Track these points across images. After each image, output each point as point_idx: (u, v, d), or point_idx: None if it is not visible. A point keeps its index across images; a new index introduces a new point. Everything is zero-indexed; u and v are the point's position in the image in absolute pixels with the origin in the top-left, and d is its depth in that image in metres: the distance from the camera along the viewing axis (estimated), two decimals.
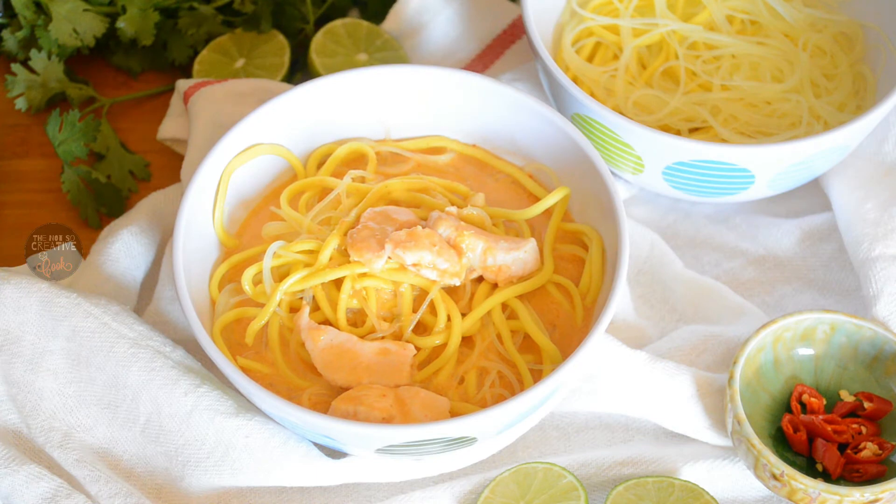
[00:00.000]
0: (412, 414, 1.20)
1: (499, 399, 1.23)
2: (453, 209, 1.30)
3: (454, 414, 1.22)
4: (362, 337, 1.25)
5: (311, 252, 1.28)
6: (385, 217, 1.29)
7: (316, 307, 1.28)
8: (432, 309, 1.26)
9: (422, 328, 1.27)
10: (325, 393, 1.25)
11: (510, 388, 1.25)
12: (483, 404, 1.23)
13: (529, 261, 1.29)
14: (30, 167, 1.56)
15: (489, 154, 1.41)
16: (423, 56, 1.63)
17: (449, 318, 1.26)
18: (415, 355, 1.25)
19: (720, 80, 1.46)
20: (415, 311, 1.26)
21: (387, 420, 1.19)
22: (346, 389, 1.23)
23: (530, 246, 1.29)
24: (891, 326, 1.32)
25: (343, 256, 1.27)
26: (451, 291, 1.29)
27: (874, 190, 1.41)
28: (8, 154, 1.57)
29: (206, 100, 1.50)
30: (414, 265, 1.25)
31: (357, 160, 1.40)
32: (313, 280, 1.26)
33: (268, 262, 1.27)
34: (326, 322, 1.27)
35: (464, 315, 1.27)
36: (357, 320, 1.27)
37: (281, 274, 1.29)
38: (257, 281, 1.29)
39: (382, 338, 1.25)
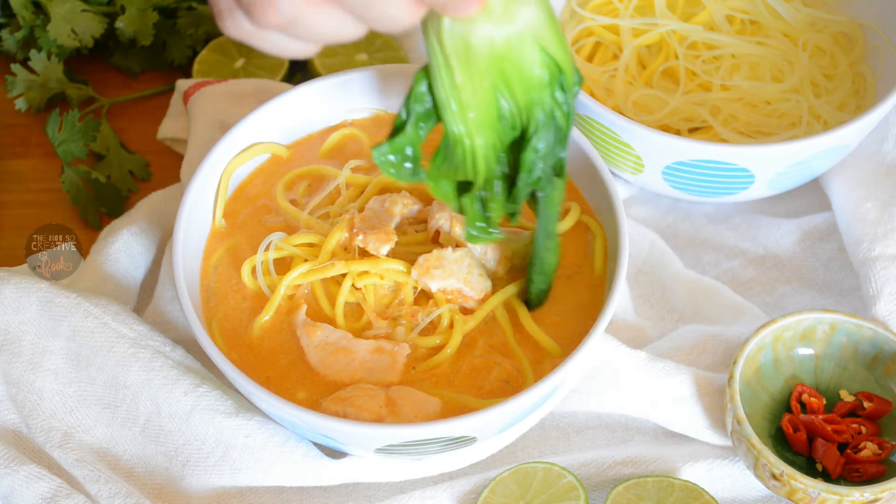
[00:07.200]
0: (402, 415, 1.19)
1: (499, 397, 1.23)
2: None
3: (453, 411, 1.22)
4: (358, 334, 1.25)
5: (310, 245, 1.28)
6: (388, 204, 1.28)
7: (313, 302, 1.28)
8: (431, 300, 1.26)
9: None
10: (322, 391, 1.25)
11: (510, 386, 1.24)
12: (483, 403, 1.23)
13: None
14: (30, 167, 1.56)
15: None
16: (423, 56, 1.63)
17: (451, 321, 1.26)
18: (412, 354, 1.24)
19: (720, 80, 1.46)
20: (415, 307, 1.26)
21: (377, 422, 1.18)
22: (341, 386, 1.23)
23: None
24: (891, 326, 1.32)
25: (344, 252, 1.27)
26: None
27: (874, 190, 1.41)
28: (8, 154, 1.57)
29: (205, 100, 1.50)
30: (440, 291, 1.24)
31: (354, 147, 1.39)
32: (316, 275, 1.25)
33: (270, 256, 1.27)
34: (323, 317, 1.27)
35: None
36: (354, 314, 1.27)
37: (279, 267, 1.28)
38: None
39: (377, 337, 1.25)
